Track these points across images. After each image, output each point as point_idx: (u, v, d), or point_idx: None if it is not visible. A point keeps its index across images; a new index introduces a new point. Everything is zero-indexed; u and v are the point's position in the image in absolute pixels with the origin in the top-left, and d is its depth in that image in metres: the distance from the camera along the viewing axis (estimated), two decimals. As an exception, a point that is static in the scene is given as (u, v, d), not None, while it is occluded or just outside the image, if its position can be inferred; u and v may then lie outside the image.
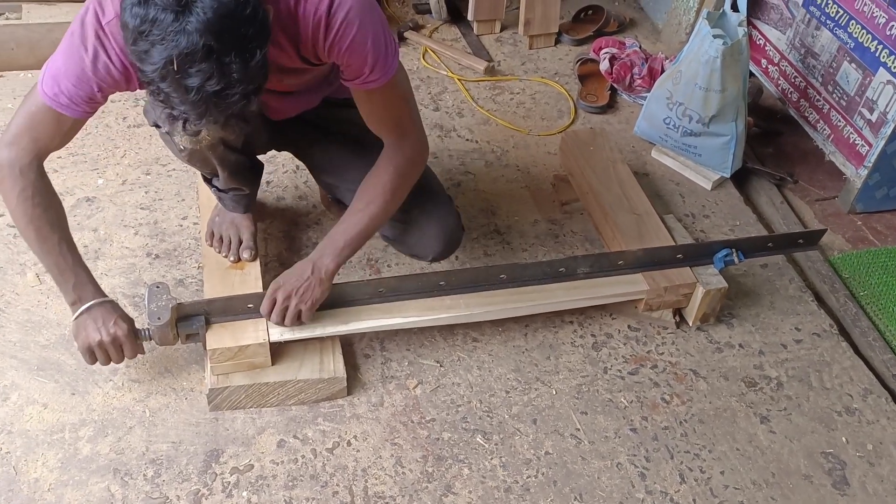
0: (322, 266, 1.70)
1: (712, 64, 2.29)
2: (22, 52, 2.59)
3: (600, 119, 2.75)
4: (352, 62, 1.52)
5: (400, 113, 1.67)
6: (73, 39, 1.44)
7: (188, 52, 1.19)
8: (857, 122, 2.37)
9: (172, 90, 1.23)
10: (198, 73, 1.21)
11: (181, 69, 1.20)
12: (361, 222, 1.70)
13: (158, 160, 2.37)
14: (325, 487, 1.67)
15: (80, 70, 1.44)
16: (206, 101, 1.24)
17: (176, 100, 1.25)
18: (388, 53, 1.54)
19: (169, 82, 1.22)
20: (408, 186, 1.73)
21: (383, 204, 1.69)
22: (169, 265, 2.07)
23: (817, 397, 1.94)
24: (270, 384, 1.76)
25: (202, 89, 1.22)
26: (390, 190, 1.69)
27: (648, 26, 3.24)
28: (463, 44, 3.03)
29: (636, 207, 2.18)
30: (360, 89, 1.60)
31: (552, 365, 1.95)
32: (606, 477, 1.74)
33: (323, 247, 1.72)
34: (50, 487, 1.62)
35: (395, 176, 1.69)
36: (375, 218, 1.70)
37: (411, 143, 1.70)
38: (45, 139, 1.54)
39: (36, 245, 1.60)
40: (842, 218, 2.48)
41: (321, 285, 1.71)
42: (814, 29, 2.49)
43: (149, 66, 1.22)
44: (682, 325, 2.06)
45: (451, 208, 1.90)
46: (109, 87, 1.48)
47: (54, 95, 1.47)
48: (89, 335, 1.64)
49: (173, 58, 1.19)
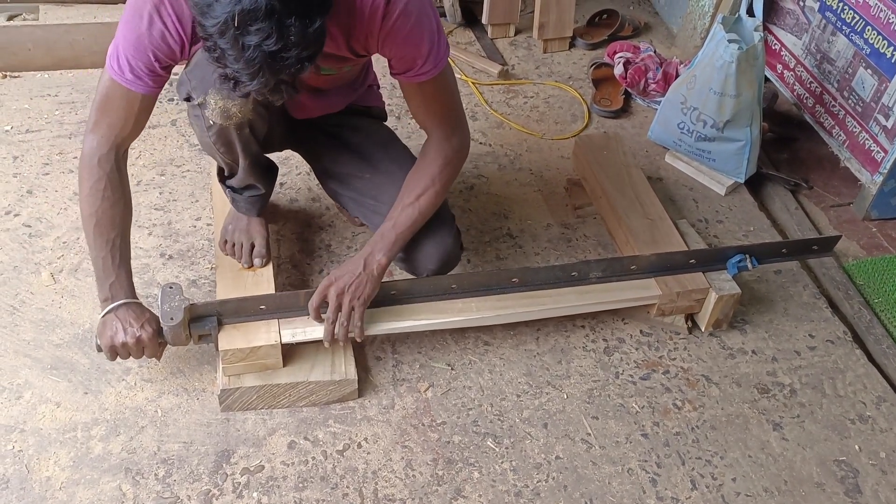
0: (374, 262, 1.70)
1: (727, 69, 2.28)
2: (39, 52, 2.61)
3: (614, 123, 2.74)
4: (405, 54, 1.54)
5: (448, 105, 1.69)
6: (131, 10, 1.47)
7: (251, 9, 1.19)
8: (873, 128, 2.36)
9: (230, 47, 1.24)
10: (257, 32, 1.21)
11: (242, 25, 1.21)
12: (412, 216, 1.70)
13: (173, 161, 2.38)
14: (335, 489, 1.67)
15: (136, 38, 1.47)
16: (261, 62, 1.24)
17: (231, 57, 1.25)
18: (441, 45, 1.57)
19: (227, 38, 1.23)
20: (455, 176, 1.75)
21: (433, 195, 1.70)
22: (182, 266, 2.08)
23: (830, 405, 1.93)
24: (282, 385, 1.76)
25: (259, 48, 1.22)
26: (440, 181, 1.70)
27: (663, 31, 3.23)
28: (477, 47, 3.03)
29: (649, 212, 2.18)
30: (410, 82, 1.62)
31: (563, 369, 1.94)
32: (617, 482, 1.74)
33: (374, 242, 1.72)
34: (62, 486, 1.63)
35: (445, 167, 1.70)
36: (425, 210, 1.71)
37: (459, 134, 1.72)
38: (120, 123, 1.58)
39: (91, 236, 1.63)
40: (857, 224, 2.46)
41: (373, 281, 1.71)
42: (830, 34, 2.47)
43: (210, 19, 1.23)
44: (694, 330, 2.05)
45: (451, 228, 1.86)
46: (166, 56, 1.51)
47: (119, 70, 1.50)
48: (116, 335, 1.64)
49: (235, 14, 1.20)
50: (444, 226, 1.83)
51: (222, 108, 1.67)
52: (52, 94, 2.57)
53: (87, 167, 1.60)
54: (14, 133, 2.43)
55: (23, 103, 2.54)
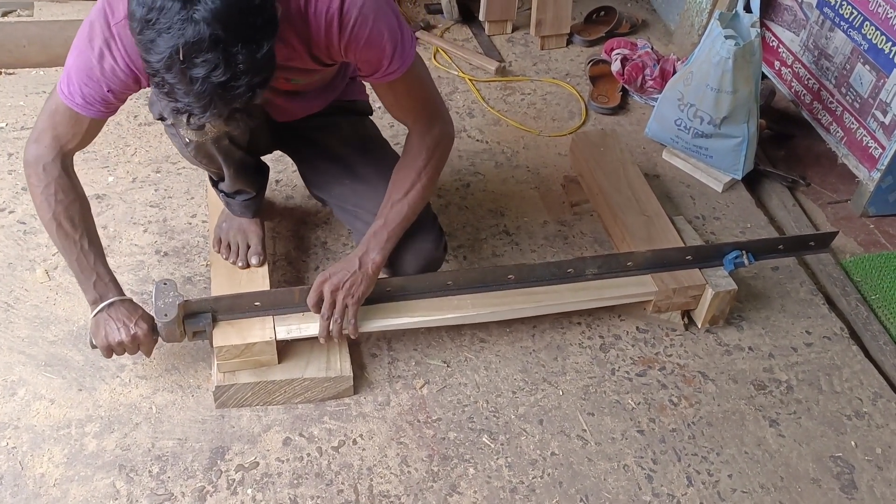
0: (368, 260, 1.69)
1: (724, 65, 2.28)
2: (34, 49, 2.61)
3: (611, 120, 2.74)
4: (370, 58, 1.51)
5: (422, 98, 1.67)
6: (81, 39, 1.45)
7: (195, 41, 1.17)
8: (871, 124, 2.35)
9: (177, 81, 1.22)
10: (203, 64, 1.19)
11: (187, 59, 1.19)
12: (402, 212, 1.69)
13: (168, 158, 2.37)
14: (330, 486, 1.67)
15: (88, 68, 1.45)
16: (210, 93, 1.23)
17: (180, 91, 1.24)
18: (405, 42, 1.53)
19: (174, 73, 1.21)
20: (441, 166, 1.73)
21: (421, 189, 1.69)
22: (177, 263, 2.08)
23: (827, 401, 1.92)
24: (277, 382, 1.76)
25: (207, 80, 1.21)
26: (426, 175, 1.68)
27: (660, 27, 3.23)
28: (474, 44, 3.03)
29: (646, 209, 2.17)
30: (380, 82, 1.59)
31: (559, 366, 1.94)
32: (613, 479, 1.73)
33: (367, 241, 1.71)
34: (55, 482, 1.62)
35: (429, 160, 1.68)
36: (415, 205, 1.70)
37: (438, 125, 1.70)
38: (66, 137, 1.55)
39: (58, 241, 1.62)
40: (854, 221, 2.46)
41: (367, 279, 1.70)
42: (827, 30, 2.47)
43: (154, 55, 1.20)
44: (690, 327, 2.05)
45: (433, 231, 1.83)
46: (119, 89, 1.48)
47: (70, 94, 1.48)
48: (111, 334, 1.64)
49: (179, 47, 1.18)
50: (423, 229, 1.80)
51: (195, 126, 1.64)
52: (47, 91, 2.56)
53: (33, 175, 1.57)
54: (9, 130, 2.42)
55: (18, 100, 2.53)
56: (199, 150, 1.77)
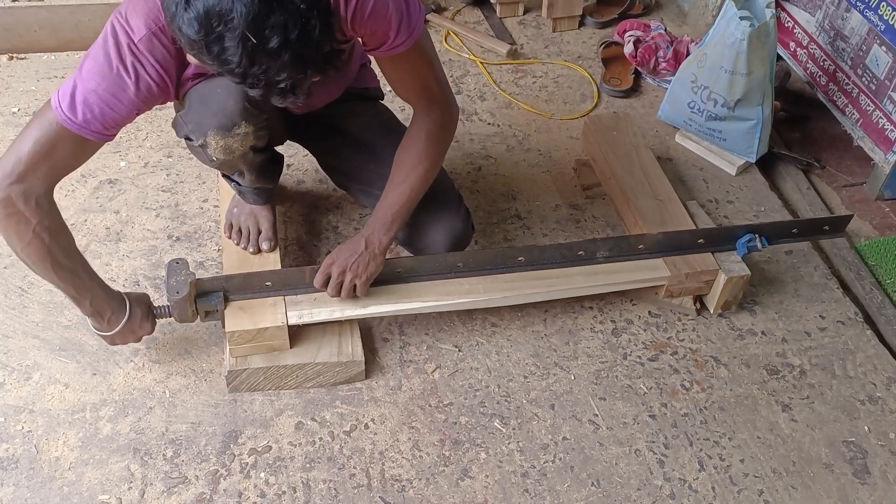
0: (375, 241, 1.70)
1: (738, 46, 2.25)
2: (44, 33, 2.61)
3: (624, 103, 2.72)
4: (376, 30, 1.49)
5: (426, 77, 1.65)
6: (109, 64, 1.38)
7: (253, 15, 1.14)
8: (887, 106, 2.33)
9: (267, 65, 1.18)
10: (274, 29, 1.15)
11: (258, 36, 1.15)
12: (405, 194, 1.69)
13: (180, 143, 2.37)
14: (342, 470, 1.68)
15: (123, 94, 1.40)
16: (299, 52, 1.18)
17: (274, 71, 1.19)
18: (412, 14, 1.51)
19: (259, 59, 1.17)
20: (444, 149, 1.72)
21: (423, 172, 1.68)
22: (189, 247, 2.08)
23: (840, 386, 1.91)
24: (289, 367, 1.77)
25: (287, 42, 1.16)
26: (427, 157, 1.68)
27: (674, 9, 3.19)
28: (486, 27, 3.00)
29: (659, 193, 2.16)
30: (385, 56, 1.58)
31: (571, 350, 1.94)
32: (624, 463, 1.73)
33: (372, 223, 1.71)
34: (70, 466, 1.64)
35: (429, 142, 1.67)
36: (417, 187, 1.69)
37: (440, 107, 1.68)
38: (63, 167, 1.47)
39: (52, 276, 1.55)
40: (869, 204, 2.43)
41: (375, 260, 1.71)
42: (843, 11, 2.44)
43: (232, 58, 1.17)
44: (703, 311, 2.04)
45: (459, 210, 1.84)
46: (148, 107, 1.46)
47: (85, 122, 1.40)
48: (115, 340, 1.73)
49: (245, 33, 1.14)
50: (451, 209, 1.81)
51: (224, 147, 1.65)
52: (58, 76, 2.57)
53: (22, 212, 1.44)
54: (21, 115, 2.42)
55: (29, 85, 2.54)
56: (223, 165, 1.78)
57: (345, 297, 1.74)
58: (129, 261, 2.03)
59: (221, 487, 1.63)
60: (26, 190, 1.43)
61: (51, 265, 1.52)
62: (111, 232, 2.10)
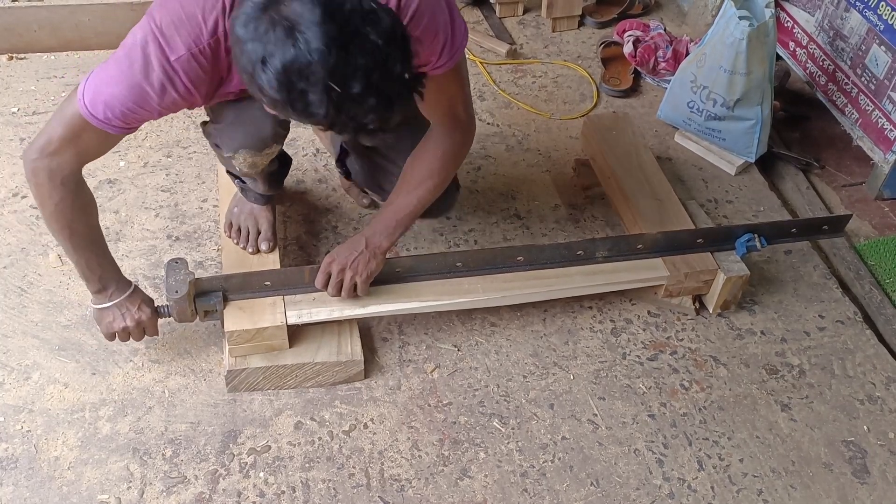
0: (375, 242, 1.71)
1: (738, 46, 2.25)
2: (44, 33, 2.61)
3: (623, 103, 2.72)
4: (421, 51, 1.44)
5: (455, 100, 1.64)
6: (133, 69, 1.36)
7: (333, 64, 1.12)
8: (886, 106, 2.33)
9: (355, 110, 1.18)
10: (356, 75, 1.14)
11: (342, 84, 1.14)
12: (411, 204, 1.70)
13: (179, 143, 2.38)
14: (341, 469, 1.68)
15: (143, 101, 1.39)
16: (382, 88, 1.17)
17: (361, 113, 1.18)
18: (456, 36, 1.51)
19: (347, 106, 1.17)
20: (456, 168, 1.74)
21: (432, 187, 1.69)
22: (189, 247, 2.08)
23: (839, 385, 1.91)
24: (288, 366, 1.77)
25: (370, 85, 1.15)
26: (438, 176, 1.68)
27: (674, 8, 3.19)
28: (485, 26, 3.00)
29: (658, 193, 2.16)
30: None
31: (570, 350, 1.94)
32: (623, 463, 1.73)
33: (374, 225, 1.72)
34: (70, 466, 1.64)
35: (444, 160, 1.68)
36: (424, 201, 1.70)
37: (462, 128, 1.69)
38: (91, 152, 1.50)
39: (68, 245, 1.58)
40: (869, 204, 2.44)
41: (375, 258, 1.71)
42: (843, 11, 2.44)
43: (318, 111, 1.16)
44: (702, 311, 2.04)
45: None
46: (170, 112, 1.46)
47: (106, 119, 1.40)
48: (114, 322, 1.69)
49: (328, 84, 1.13)
50: None
51: (251, 163, 1.72)
52: (58, 76, 2.57)
53: (47, 185, 1.49)
54: (21, 115, 2.43)
55: (29, 85, 2.54)
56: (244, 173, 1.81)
57: (345, 297, 1.74)
58: (128, 260, 2.03)
59: (220, 487, 1.63)
60: (53, 168, 1.48)
61: (69, 237, 1.56)
62: (111, 232, 2.10)
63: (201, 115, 2.45)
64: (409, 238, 2.13)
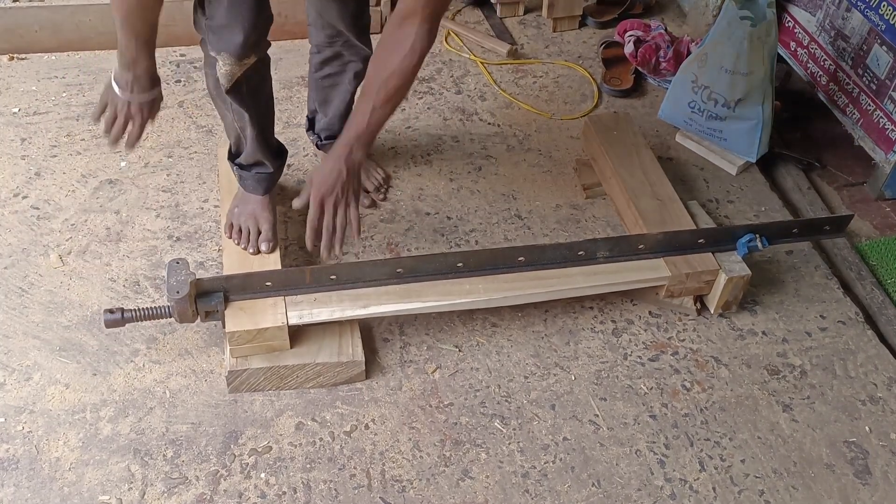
0: (353, 161, 1.64)
1: (739, 46, 2.25)
2: (45, 34, 2.61)
3: (624, 103, 2.72)
4: None
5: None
6: None
7: None
8: (888, 106, 2.32)
9: None
10: None
11: None
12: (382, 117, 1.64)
13: (180, 143, 2.37)
14: (342, 470, 1.68)
15: None
16: None
17: None
18: None
19: None
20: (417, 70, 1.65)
21: (405, 90, 1.64)
22: (190, 248, 2.08)
23: (841, 386, 1.91)
24: (289, 367, 1.76)
25: None
26: (412, 74, 1.62)
27: (674, 8, 3.19)
28: (486, 27, 3.00)
29: (659, 193, 2.16)
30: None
31: (571, 350, 1.94)
32: (625, 463, 1.73)
33: (349, 139, 1.64)
34: (71, 466, 1.64)
35: (419, 63, 1.62)
36: (392, 112, 1.66)
37: (434, 24, 1.61)
38: None
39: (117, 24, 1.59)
40: (870, 204, 2.43)
41: (355, 177, 1.66)
42: (844, 11, 2.43)
43: None
44: (703, 311, 2.04)
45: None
46: None
47: None
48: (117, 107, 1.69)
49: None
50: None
51: (229, 73, 1.71)
52: (59, 76, 2.57)
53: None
54: (22, 115, 2.43)
55: (30, 85, 2.54)
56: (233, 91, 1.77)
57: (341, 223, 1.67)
58: (129, 261, 2.03)
59: (222, 488, 1.63)
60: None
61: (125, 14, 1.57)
62: (111, 232, 2.10)
63: (201, 115, 2.47)
64: (411, 238, 2.13)
